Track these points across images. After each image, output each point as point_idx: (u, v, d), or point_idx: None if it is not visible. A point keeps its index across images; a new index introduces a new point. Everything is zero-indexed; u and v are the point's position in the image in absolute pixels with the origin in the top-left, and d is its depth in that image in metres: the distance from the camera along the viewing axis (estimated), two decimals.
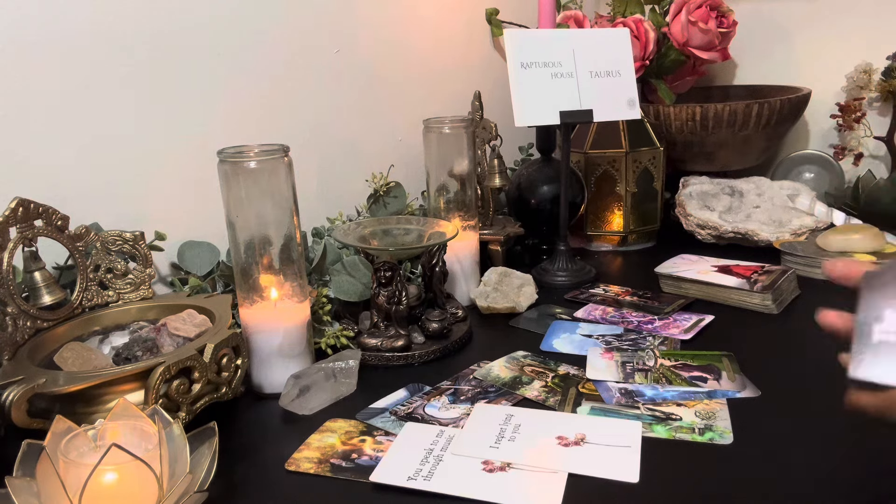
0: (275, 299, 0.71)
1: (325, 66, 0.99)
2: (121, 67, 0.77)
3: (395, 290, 0.78)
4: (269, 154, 0.67)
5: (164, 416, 0.53)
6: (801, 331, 0.82)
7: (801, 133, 1.38)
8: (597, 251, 1.17)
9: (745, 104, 1.15)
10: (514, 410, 0.66)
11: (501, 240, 1.04)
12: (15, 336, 0.63)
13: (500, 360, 0.77)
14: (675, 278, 0.95)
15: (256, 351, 0.71)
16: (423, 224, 0.86)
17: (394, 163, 1.09)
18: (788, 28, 1.36)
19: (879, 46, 1.25)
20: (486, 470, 0.57)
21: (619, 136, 1.13)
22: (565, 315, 0.89)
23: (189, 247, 0.83)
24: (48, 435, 0.49)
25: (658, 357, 0.76)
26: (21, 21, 0.69)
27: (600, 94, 0.94)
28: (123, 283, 0.73)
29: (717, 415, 0.64)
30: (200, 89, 0.85)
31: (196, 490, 0.51)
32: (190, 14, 0.82)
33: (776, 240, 1.05)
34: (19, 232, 0.64)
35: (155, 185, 0.82)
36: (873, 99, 1.29)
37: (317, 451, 0.61)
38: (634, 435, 0.61)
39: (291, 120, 0.96)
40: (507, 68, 0.89)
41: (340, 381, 0.71)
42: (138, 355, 0.65)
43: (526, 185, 1.10)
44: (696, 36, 1.21)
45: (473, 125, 0.96)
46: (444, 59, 1.19)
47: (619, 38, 0.97)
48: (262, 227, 0.69)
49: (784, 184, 1.18)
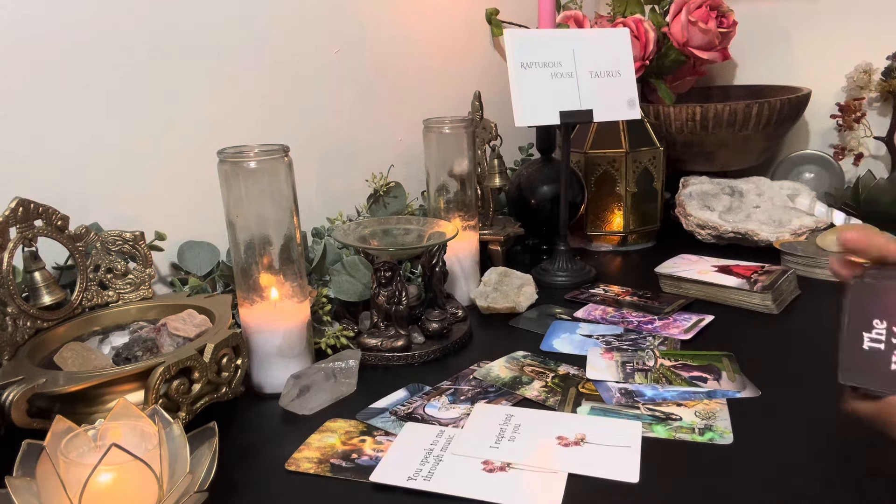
0: (275, 299, 0.71)
1: (325, 66, 0.99)
2: (121, 67, 0.77)
3: (395, 290, 0.78)
4: (269, 154, 0.67)
5: (164, 416, 0.53)
6: (801, 331, 0.81)
7: (801, 133, 1.38)
8: (597, 251, 1.17)
9: (745, 104, 1.15)
10: (514, 410, 0.66)
11: (501, 240, 1.04)
12: (15, 336, 0.63)
13: (500, 360, 0.77)
14: (675, 278, 0.95)
15: (256, 351, 0.71)
16: (423, 224, 0.86)
17: (394, 163, 1.09)
18: (788, 28, 1.36)
19: (879, 46, 1.25)
20: (486, 470, 0.57)
21: (619, 136, 1.13)
22: (565, 315, 0.89)
23: (189, 247, 0.83)
24: (48, 435, 0.49)
25: (658, 357, 0.76)
26: (21, 21, 0.69)
27: (600, 94, 0.94)
28: (123, 283, 0.73)
29: (717, 415, 0.64)
30: (200, 89, 0.85)
31: (196, 490, 0.50)
32: (190, 14, 0.82)
33: (776, 240, 1.05)
34: (19, 232, 0.64)
35: (155, 185, 0.82)
36: (873, 99, 1.29)
37: (317, 451, 0.61)
38: (634, 435, 0.61)
39: (291, 120, 0.96)
40: (507, 68, 0.89)
41: (340, 381, 0.71)
42: (138, 355, 0.65)
43: (526, 185, 1.10)
44: (696, 36, 1.21)
45: (473, 125, 0.96)
46: (444, 59, 1.19)
47: (619, 38, 0.97)
48: (262, 227, 0.69)
49: (784, 184, 1.18)
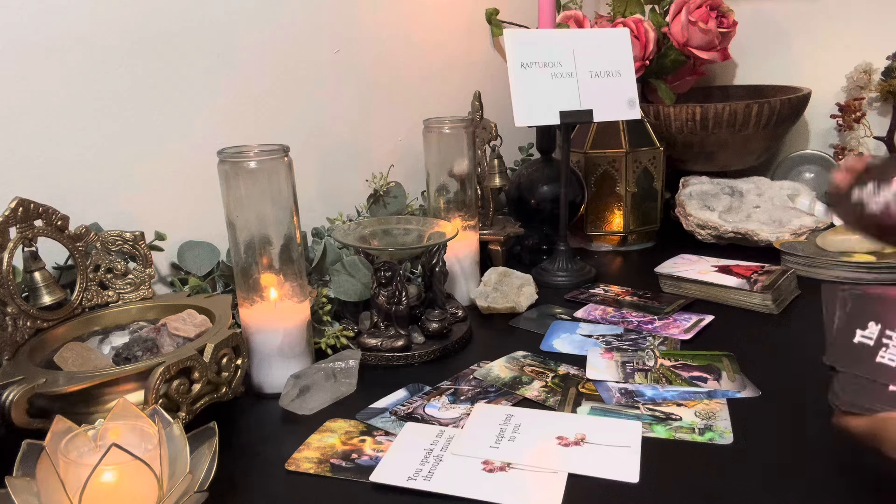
0: (275, 299, 0.71)
1: (325, 66, 0.99)
2: (121, 68, 0.77)
3: (395, 290, 0.78)
4: (269, 154, 0.67)
5: (164, 416, 0.53)
6: (801, 331, 0.82)
7: (801, 133, 1.38)
8: (597, 251, 1.17)
9: (745, 104, 1.15)
10: (514, 410, 0.66)
11: (501, 240, 1.04)
12: (15, 336, 0.63)
13: (500, 360, 0.77)
14: (675, 278, 0.95)
15: (256, 351, 0.71)
16: (423, 224, 0.86)
17: (394, 163, 1.09)
18: (788, 28, 1.36)
19: (879, 46, 1.25)
20: (486, 470, 0.57)
21: (619, 136, 1.13)
22: (565, 315, 0.89)
23: (189, 247, 0.83)
24: (48, 435, 0.49)
25: (658, 357, 0.76)
26: (21, 21, 0.69)
27: (600, 94, 0.94)
28: (123, 283, 0.73)
29: (717, 415, 0.64)
30: (200, 89, 0.85)
31: (196, 490, 0.50)
32: (190, 14, 0.82)
33: (776, 240, 1.05)
34: (19, 232, 0.64)
35: (155, 185, 0.82)
36: (873, 99, 1.29)
37: (317, 451, 0.61)
38: (634, 435, 0.61)
39: (291, 120, 0.96)
40: (507, 68, 0.89)
41: (340, 381, 0.71)
42: (138, 355, 0.65)
43: (526, 185, 1.10)
44: (696, 36, 1.21)
45: (473, 125, 0.96)
46: (444, 59, 1.19)
47: (619, 38, 0.97)
48: (262, 227, 0.69)
49: (784, 184, 1.18)
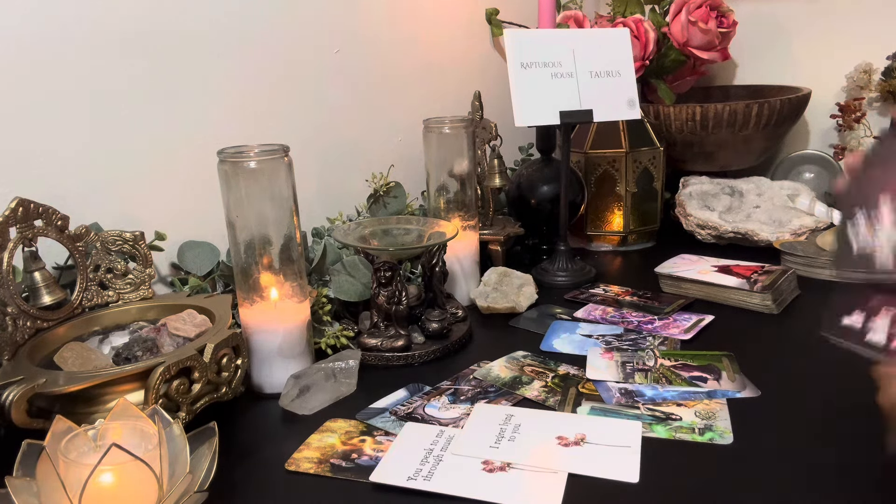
0: (275, 299, 0.71)
1: (325, 65, 0.99)
2: (121, 67, 0.77)
3: (395, 290, 0.78)
4: (269, 154, 0.67)
5: (164, 416, 0.53)
6: (801, 331, 0.82)
7: (801, 133, 1.38)
8: (597, 251, 1.17)
9: (745, 104, 1.15)
10: (514, 410, 0.66)
11: (501, 240, 1.04)
12: (15, 336, 0.63)
13: (500, 360, 0.77)
14: (675, 278, 0.95)
15: (256, 351, 0.71)
16: (423, 224, 0.86)
17: (394, 163, 1.09)
18: (788, 28, 1.36)
19: (879, 46, 1.25)
20: (486, 470, 0.57)
21: (619, 136, 1.13)
22: (565, 315, 0.89)
23: (189, 247, 0.83)
24: (48, 435, 0.49)
25: (658, 357, 0.76)
26: (21, 21, 0.69)
27: (600, 94, 0.94)
28: (123, 283, 0.73)
29: (717, 415, 0.64)
30: (200, 89, 0.85)
31: (196, 490, 0.50)
32: (190, 14, 0.82)
33: (776, 240, 1.05)
34: (19, 232, 0.64)
35: (155, 185, 0.82)
36: (873, 99, 1.29)
37: (317, 451, 0.61)
38: (634, 435, 0.61)
39: (291, 120, 0.96)
40: (507, 68, 0.89)
41: (340, 381, 0.71)
42: (138, 355, 0.65)
43: (526, 185, 1.10)
44: (696, 36, 1.21)
45: (473, 125, 0.96)
46: (444, 59, 1.19)
47: (619, 38, 0.97)
48: (262, 227, 0.69)
49: (784, 184, 1.18)
